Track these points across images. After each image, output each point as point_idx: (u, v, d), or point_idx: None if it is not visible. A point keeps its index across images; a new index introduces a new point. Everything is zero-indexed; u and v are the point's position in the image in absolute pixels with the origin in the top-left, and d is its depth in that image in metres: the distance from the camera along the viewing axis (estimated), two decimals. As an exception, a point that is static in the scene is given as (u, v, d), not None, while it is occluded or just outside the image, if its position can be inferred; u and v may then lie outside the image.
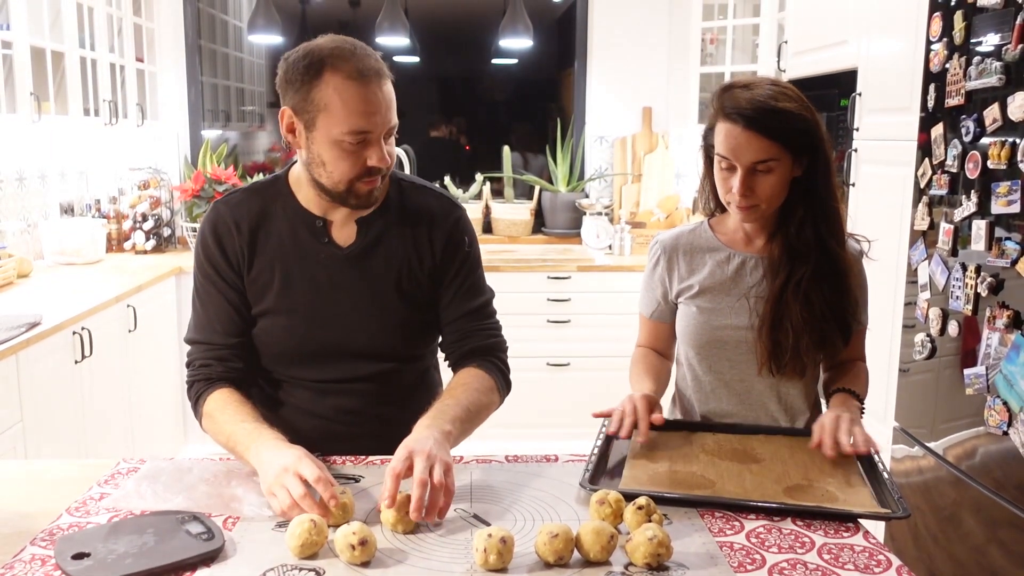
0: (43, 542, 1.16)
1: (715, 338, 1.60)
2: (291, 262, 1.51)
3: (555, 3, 5.21)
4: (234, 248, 1.52)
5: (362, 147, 1.39)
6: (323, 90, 1.36)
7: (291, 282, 1.51)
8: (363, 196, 1.44)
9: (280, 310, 1.52)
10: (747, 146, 1.45)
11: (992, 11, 1.86)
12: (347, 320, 1.52)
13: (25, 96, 2.93)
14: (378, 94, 1.37)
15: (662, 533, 1.10)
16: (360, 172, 1.41)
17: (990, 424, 1.85)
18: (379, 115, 1.37)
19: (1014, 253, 1.78)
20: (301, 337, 1.53)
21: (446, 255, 1.56)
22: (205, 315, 1.54)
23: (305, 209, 1.52)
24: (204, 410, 1.50)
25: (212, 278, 1.53)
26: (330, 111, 1.36)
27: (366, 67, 1.36)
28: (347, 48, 1.38)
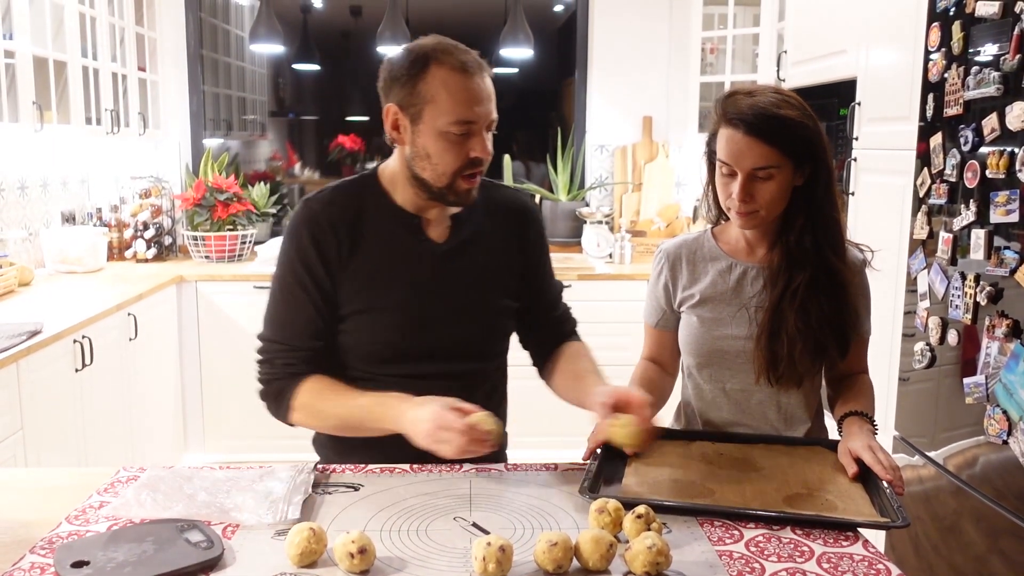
0: (42, 550, 1.16)
1: (716, 348, 1.61)
2: (388, 260, 1.52)
3: (556, 13, 5.23)
4: (330, 248, 1.51)
5: (466, 138, 1.43)
6: (429, 83, 1.41)
7: (388, 280, 1.52)
8: (463, 193, 1.48)
9: (376, 308, 1.52)
10: (748, 152, 1.45)
11: (990, 21, 1.86)
12: (443, 316, 1.54)
13: (27, 105, 2.94)
14: (481, 85, 1.43)
15: (661, 542, 1.10)
16: (463, 164, 1.45)
17: (990, 433, 1.85)
18: (482, 106, 1.43)
19: (1013, 262, 1.78)
20: (396, 334, 1.53)
21: (534, 249, 1.65)
22: (288, 316, 1.53)
23: (399, 206, 1.53)
24: (296, 402, 1.51)
25: (302, 279, 1.51)
26: (436, 102, 1.41)
27: (469, 60, 1.42)
28: (449, 43, 1.44)
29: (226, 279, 3.82)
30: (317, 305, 1.52)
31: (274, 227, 4.62)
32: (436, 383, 1.53)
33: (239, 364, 3.82)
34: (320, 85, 5.70)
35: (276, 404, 1.54)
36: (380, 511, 1.30)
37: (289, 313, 1.53)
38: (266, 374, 1.55)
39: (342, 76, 5.70)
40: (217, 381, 3.85)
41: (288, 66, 5.47)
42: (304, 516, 1.27)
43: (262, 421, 4.32)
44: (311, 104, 5.83)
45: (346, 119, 5.69)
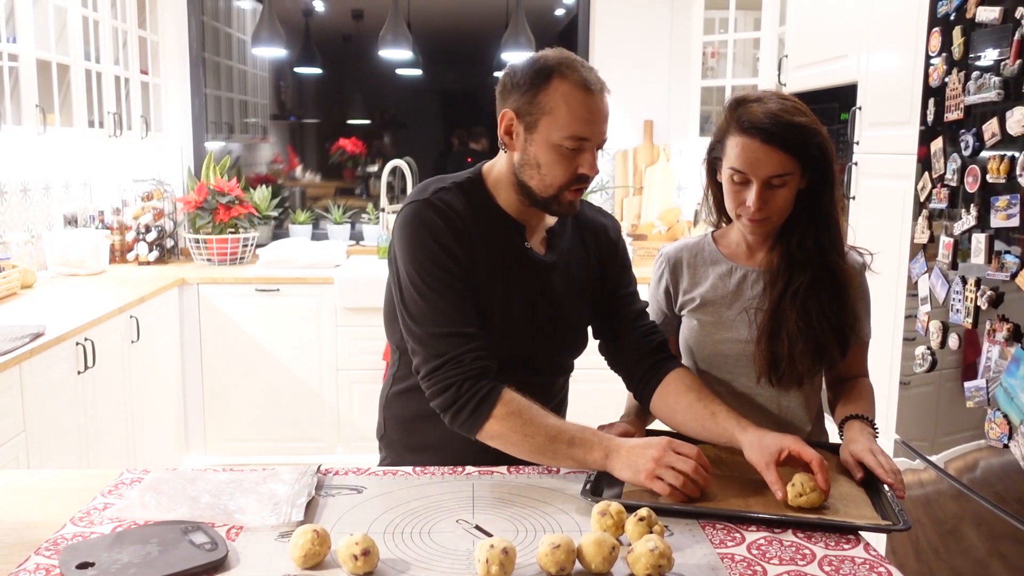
0: (47, 552, 1.17)
1: (716, 351, 1.61)
2: (495, 263, 1.50)
3: (557, 16, 5.24)
4: (463, 239, 1.46)
5: (576, 153, 1.44)
6: (551, 95, 1.42)
7: (493, 283, 1.50)
8: (566, 205, 1.49)
9: (483, 310, 1.48)
10: (765, 160, 1.46)
11: (991, 27, 1.87)
12: (536, 327, 1.54)
13: (31, 108, 2.95)
14: (600, 105, 1.45)
15: (663, 544, 1.11)
16: (570, 178, 1.45)
17: (991, 437, 1.85)
18: (598, 125, 1.44)
19: (1014, 266, 1.79)
20: (499, 339, 1.48)
21: (620, 265, 1.66)
22: (450, 305, 1.43)
23: (506, 213, 1.53)
24: (500, 410, 1.39)
25: (449, 267, 1.44)
26: (555, 115, 1.42)
27: (592, 78, 1.44)
28: (575, 60, 1.46)
29: (228, 282, 3.82)
30: (473, 290, 1.46)
31: (275, 230, 4.63)
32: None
33: (241, 366, 3.84)
34: (321, 88, 5.70)
35: (475, 407, 1.39)
36: (383, 513, 1.30)
37: (448, 303, 1.43)
38: (454, 376, 1.40)
39: (343, 80, 5.70)
40: (219, 383, 3.86)
41: (289, 69, 5.47)
42: (307, 518, 1.28)
43: (264, 423, 4.34)
44: (312, 107, 5.83)
45: (347, 122, 5.69)
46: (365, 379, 3.82)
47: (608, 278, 1.64)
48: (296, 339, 3.85)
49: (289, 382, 3.86)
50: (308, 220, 4.62)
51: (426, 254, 1.44)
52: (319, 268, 3.97)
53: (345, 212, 4.63)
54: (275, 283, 3.82)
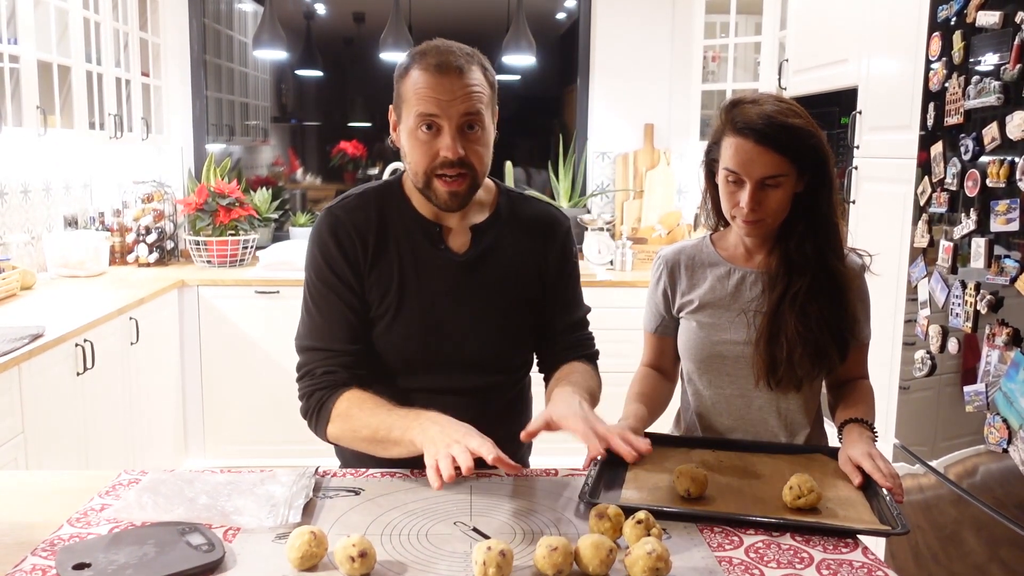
0: (44, 552, 1.16)
1: (714, 353, 1.61)
2: (409, 268, 1.52)
3: (558, 20, 5.24)
4: (355, 253, 1.51)
5: (434, 136, 1.42)
6: (407, 83, 1.43)
7: (408, 289, 1.52)
8: (442, 197, 1.46)
9: (395, 316, 1.52)
10: (758, 161, 1.46)
11: (991, 31, 1.87)
12: (462, 327, 1.54)
13: (31, 110, 2.95)
14: (452, 83, 1.40)
15: (661, 547, 1.10)
16: (431, 163, 1.43)
17: (990, 442, 1.85)
18: (450, 103, 1.40)
19: (1013, 271, 1.79)
20: (416, 344, 1.53)
21: (557, 265, 1.62)
22: (324, 321, 1.52)
23: (420, 214, 1.54)
24: (334, 413, 1.46)
25: (331, 283, 1.51)
26: (408, 101, 1.43)
27: (446, 61, 1.41)
28: (436, 45, 1.44)
29: (228, 284, 3.82)
30: (352, 306, 1.51)
31: (276, 232, 4.63)
32: (451, 398, 1.52)
33: (240, 369, 3.84)
34: (322, 91, 5.71)
35: (317, 416, 1.49)
36: (381, 515, 1.30)
37: (323, 318, 1.52)
38: (306, 387, 1.52)
39: (345, 82, 5.71)
40: (218, 385, 3.86)
41: (291, 72, 5.48)
42: (305, 520, 1.27)
43: (262, 426, 4.34)
44: (313, 110, 5.84)
45: (348, 125, 5.70)
46: (364, 382, 3.81)
47: (548, 275, 1.62)
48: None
49: (289, 384, 3.80)
50: (308, 222, 4.62)
51: (312, 267, 1.54)
52: (319, 270, 3.96)
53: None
54: (275, 285, 3.82)
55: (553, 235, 1.62)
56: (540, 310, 1.62)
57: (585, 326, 1.70)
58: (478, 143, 1.45)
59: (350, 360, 1.51)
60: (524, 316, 1.60)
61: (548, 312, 1.63)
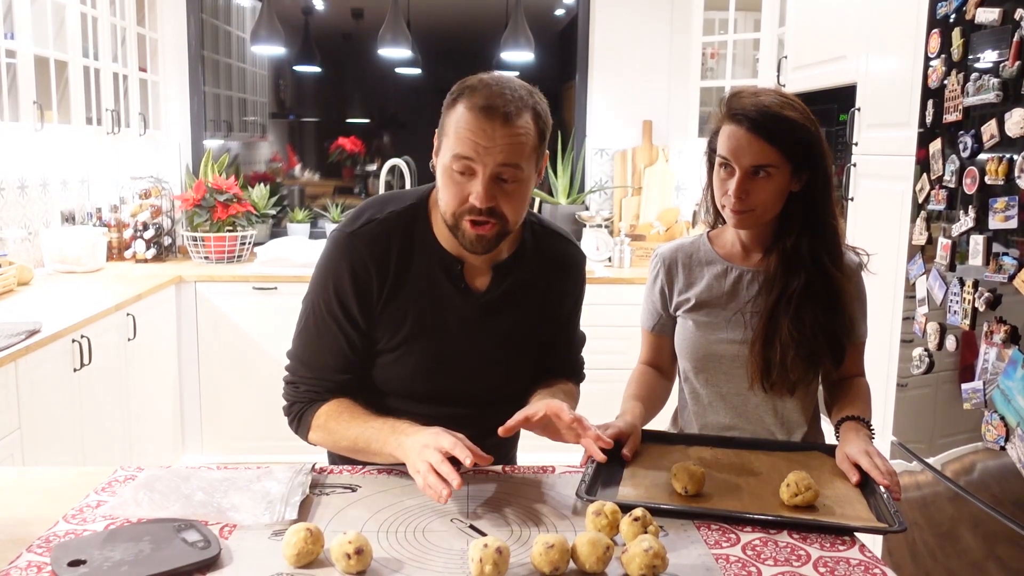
0: (39, 549, 1.16)
1: (711, 352, 1.61)
2: (426, 305, 1.48)
3: (557, 16, 5.24)
4: (370, 288, 1.47)
5: (466, 179, 1.36)
6: (452, 115, 1.37)
7: (424, 325, 1.49)
8: (469, 239, 1.40)
9: (408, 350, 1.50)
10: (748, 148, 1.46)
11: (990, 28, 1.87)
12: (472, 365, 1.52)
13: (28, 104, 2.95)
14: (496, 129, 1.33)
15: (658, 544, 1.10)
16: (460, 206, 1.37)
17: (988, 439, 1.85)
18: (490, 150, 1.33)
19: (1011, 268, 1.79)
20: (422, 380, 1.51)
21: (573, 306, 1.63)
22: (320, 346, 1.51)
23: (444, 249, 1.49)
24: (314, 424, 1.49)
25: (336, 315, 1.48)
26: (450, 136, 1.37)
27: (495, 103, 1.33)
28: (492, 83, 1.37)
29: (225, 280, 3.82)
30: (349, 339, 1.49)
31: (273, 228, 4.62)
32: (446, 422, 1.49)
33: (238, 365, 3.83)
34: (321, 87, 5.70)
35: (297, 423, 1.54)
36: (377, 512, 1.30)
37: (319, 343, 1.51)
38: (290, 396, 1.54)
39: (343, 78, 5.70)
40: (216, 382, 3.85)
41: (289, 68, 5.47)
42: (301, 517, 1.27)
43: (260, 422, 4.33)
44: (312, 106, 5.83)
45: (347, 121, 5.69)
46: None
47: (562, 311, 1.62)
48: (293, 338, 3.84)
49: (286, 381, 3.85)
50: (306, 219, 4.61)
51: (321, 291, 1.50)
52: (317, 267, 3.95)
53: (343, 211, 4.63)
54: (273, 281, 3.82)
55: (575, 276, 1.62)
56: (547, 343, 1.62)
57: (579, 352, 1.71)
58: (512, 194, 1.39)
59: (334, 386, 1.52)
60: (533, 352, 1.60)
61: (553, 344, 1.63)
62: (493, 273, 1.51)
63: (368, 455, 1.44)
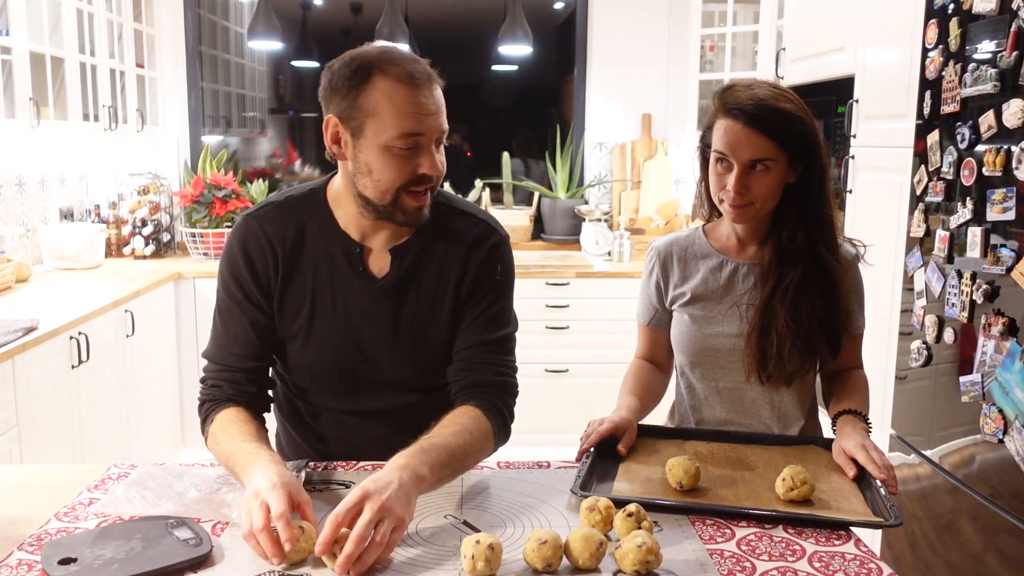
0: (30, 547, 1.16)
1: (707, 346, 1.60)
2: (323, 289, 1.46)
3: (555, 10, 5.22)
4: (265, 268, 1.45)
5: (413, 153, 1.34)
6: (372, 94, 1.31)
7: (321, 310, 1.46)
8: (411, 212, 1.38)
9: (308, 337, 1.47)
10: (746, 143, 1.45)
11: (987, 18, 1.85)
12: (375, 351, 1.48)
13: (24, 101, 2.94)
14: (429, 97, 1.33)
15: (651, 540, 1.10)
16: (409, 179, 1.35)
17: (986, 432, 1.84)
18: (431, 118, 1.33)
19: (1009, 260, 1.77)
20: (328, 366, 1.48)
21: (476, 282, 1.48)
22: (225, 335, 1.47)
23: (343, 232, 1.45)
24: (210, 429, 1.44)
25: (236, 297, 1.46)
26: (379, 116, 1.31)
27: (416, 70, 1.32)
28: (396, 52, 1.35)
29: (224, 276, 3.81)
30: (254, 322, 1.46)
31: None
32: (370, 418, 1.51)
33: (237, 361, 3.83)
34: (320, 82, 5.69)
35: (202, 427, 1.47)
36: (371, 509, 1.29)
37: (225, 331, 1.47)
38: (201, 395, 1.49)
39: (342, 73, 5.69)
40: (215, 378, 3.85)
41: (287, 63, 5.46)
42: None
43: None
44: (311, 101, 5.82)
45: (346, 116, 5.68)
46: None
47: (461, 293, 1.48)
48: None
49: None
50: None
51: (220, 278, 1.49)
52: (316, 262, 3.95)
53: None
54: (271, 277, 3.81)
55: (474, 252, 1.48)
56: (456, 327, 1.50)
57: (498, 349, 1.49)
58: (442, 154, 1.40)
59: (240, 376, 1.46)
60: (440, 336, 1.49)
61: (459, 327, 1.49)
62: (392, 256, 1.46)
63: (236, 478, 1.31)
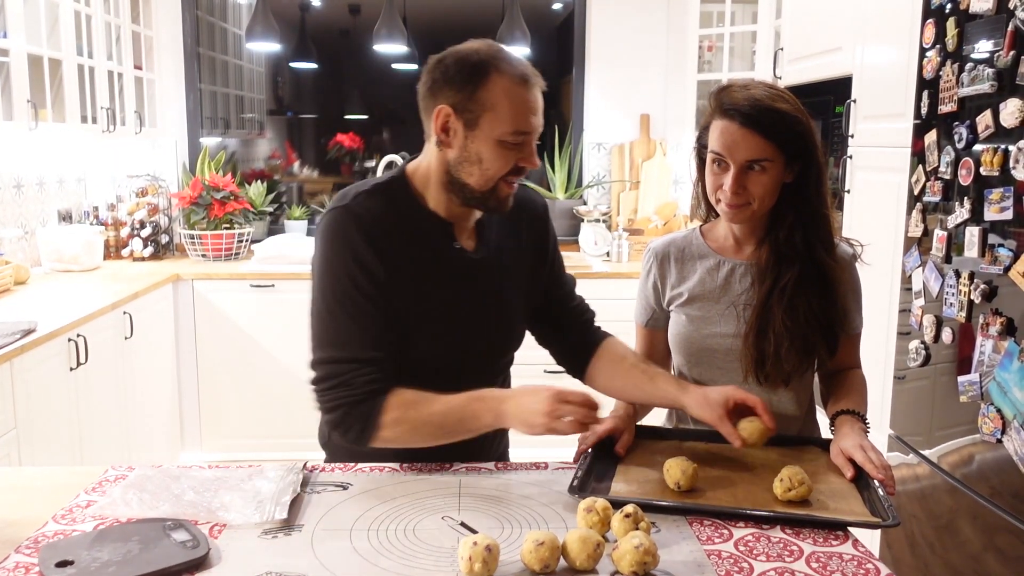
0: (28, 550, 1.16)
1: (705, 346, 1.60)
2: (425, 268, 1.47)
3: (554, 11, 5.22)
4: (383, 252, 1.43)
5: (520, 147, 1.42)
6: (492, 91, 1.39)
7: (426, 289, 1.47)
8: (503, 199, 1.47)
9: (414, 318, 1.46)
10: (743, 143, 1.45)
11: (985, 18, 1.85)
12: (478, 327, 1.52)
13: (22, 103, 2.94)
14: (538, 97, 1.43)
15: (649, 541, 1.10)
16: (510, 170, 1.44)
17: (984, 432, 1.84)
18: (537, 117, 1.43)
19: (1007, 260, 1.77)
20: (435, 345, 1.49)
21: (548, 244, 1.66)
22: (355, 327, 1.42)
23: (433, 212, 1.49)
24: (387, 418, 1.40)
25: (362, 284, 1.41)
26: (497, 111, 1.39)
27: (529, 72, 1.42)
28: (507, 53, 1.44)
29: (223, 277, 3.81)
30: (382, 310, 1.43)
31: (271, 226, 4.61)
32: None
33: (236, 362, 3.83)
34: (318, 83, 5.69)
35: (362, 426, 1.41)
36: (368, 510, 1.29)
37: (355, 325, 1.42)
38: (343, 398, 1.41)
39: (341, 74, 5.69)
40: (213, 380, 3.85)
41: (286, 64, 5.46)
42: (292, 515, 1.27)
43: (258, 419, 4.32)
44: (309, 102, 5.82)
45: (345, 117, 5.68)
46: (361, 375, 3.80)
47: (542, 259, 1.65)
48: (291, 335, 3.83)
49: (284, 378, 3.85)
50: (304, 216, 4.60)
51: (342, 270, 1.43)
52: (314, 264, 3.95)
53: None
54: (270, 279, 3.81)
55: (539, 216, 1.65)
56: (537, 294, 1.64)
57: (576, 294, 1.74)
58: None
59: (388, 366, 1.43)
60: (524, 306, 1.62)
61: (556, 293, 1.66)
62: (476, 231, 1.55)
63: (455, 433, 1.42)
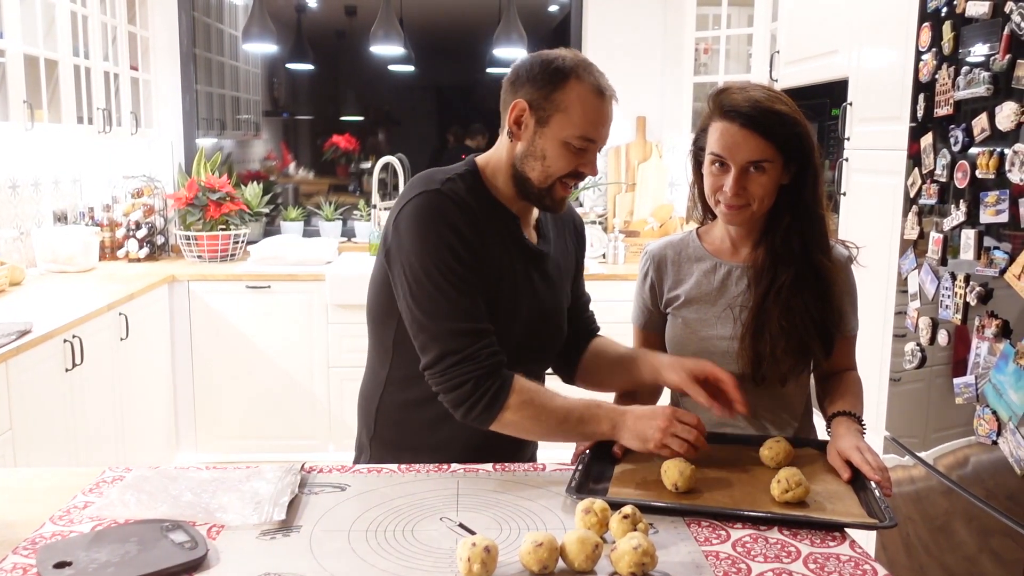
0: (25, 551, 1.15)
1: (701, 349, 1.60)
2: (500, 254, 1.50)
3: (550, 13, 5.23)
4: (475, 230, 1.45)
5: (583, 153, 1.48)
6: (568, 94, 1.45)
7: (499, 275, 1.50)
8: (558, 200, 1.52)
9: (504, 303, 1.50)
10: (743, 145, 1.45)
11: (980, 21, 1.86)
12: (542, 316, 1.58)
13: (18, 104, 2.93)
14: (610, 111, 1.50)
15: (647, 542, 1.10)
16: (570, 172, 1.48)
17: (980, 434, 1.85)
18: (606, 128, 1.49)
19: (1002, 262, 1.78)
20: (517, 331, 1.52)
21: (582, 255, 1.77)
22: (469, 300, 1.42)
23: (503, 204, 1.54)
24: (514, 400, 1.41)
25: (465, 261, 1.42)
26: (569, 114, 1.45)
27: (605, 84, 1.49)
28: (589, 64, 1.50)
29: (218, 279, 3.81)
30: (483, 286, 1.45)
31: (266, 227, 4.61)
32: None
33: (232, 364, 3.83)
34: (314, 84, 5.69)
35: (489, 402, 1.40)
36: (366, 511, 1.29)
37: (466, 298, 1.42)
38: (469, 372, 1.40)
39: (337, 76, 5.69)
40: (209, 381, 3.84)
41: (282, 65, 5.46)
42: (290, 516, 1.26)
43: (255, 420, 4.32)
44: (305, 103, 5.82)
45: (341, 119, 5.68)
46: (356, 376, 3.77)
47: (578, 268, 1.75)
48: (287, 336, 3.84)
49: (280, 379, 3.85)
50: (300, 217, 4.60)
51: (445, 246, 1.42)
52: (310, 265, 3.95)
53: (337, 209, 4.62)
54: (266, 280, 3.81)
55: (576, 221, 1.75)
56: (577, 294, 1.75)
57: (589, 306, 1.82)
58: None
59: (492, 344, 1.44)
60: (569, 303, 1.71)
61: (576, 303, 1.74)
62: (537, 226, 1.62)
63: (569, 433, 1.46)
